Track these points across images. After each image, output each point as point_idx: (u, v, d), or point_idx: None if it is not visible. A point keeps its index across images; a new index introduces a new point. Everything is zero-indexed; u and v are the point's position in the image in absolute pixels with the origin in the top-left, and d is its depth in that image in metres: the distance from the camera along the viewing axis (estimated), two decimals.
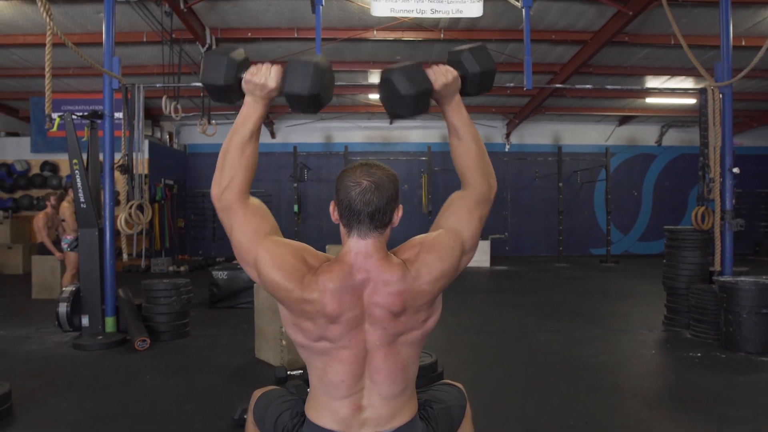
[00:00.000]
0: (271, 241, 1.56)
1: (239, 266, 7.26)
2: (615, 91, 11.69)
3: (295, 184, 13.03)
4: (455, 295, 7.81)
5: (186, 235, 13.98)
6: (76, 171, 5.15)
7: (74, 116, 5.23)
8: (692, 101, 12.14)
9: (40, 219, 7.84)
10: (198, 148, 14.22)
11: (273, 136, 14.46)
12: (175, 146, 13.89)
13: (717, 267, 5.51)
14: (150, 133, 12.39)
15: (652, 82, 11.24)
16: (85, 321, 5.22)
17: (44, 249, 7.84)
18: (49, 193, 8.24)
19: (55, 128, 4.81)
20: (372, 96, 12.27)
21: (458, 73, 1.70)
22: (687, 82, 11.06)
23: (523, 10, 5.85)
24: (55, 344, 5.21)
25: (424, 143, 14.04)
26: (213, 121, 7.91)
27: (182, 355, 4.85)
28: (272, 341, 4.45)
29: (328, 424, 1.56)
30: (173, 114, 6.86)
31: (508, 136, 14.57)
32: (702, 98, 5.68)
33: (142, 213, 5.54)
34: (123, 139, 5.52)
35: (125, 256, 5.73)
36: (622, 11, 7.30)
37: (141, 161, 5.66)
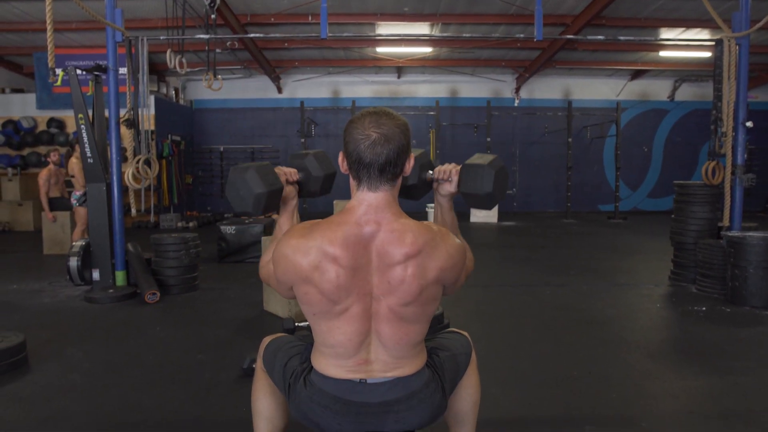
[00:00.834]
0: (271, 270, 1.67)
1: (247, 221, 7.33)
2: (628, 43, 11.43)
3: (303, 140, 12.94)
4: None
5: (194, 191, 14.01)
6: (82, 126, 5.14)
7: (78, 71, 5.19)
8: (707, 54, 11.86)
9: (42, 176, 7.89)
10: (204, 103, 14.08)
11: (280, 91, 14.30)
12: (182, 102, 13.76)
13: (725, 222, 5.48)
14: (156, 89, 12.27)
15: (666, 34, 10.96)
16: (96, 275, 5.30)
17: (52, 205, 7.90)
18: (50, 150, 8.23)
19: (59, 82, 4.77)
20: (380, 49, 12.04)
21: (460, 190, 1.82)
22: (703, 34, 10.76)
23: None
24: (67, 297, 5.31)
25: (432, 98, 13.87)
26: (219, 76, 7.80)
27: (191, 308, 4.93)
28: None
29: (334, 373, 1.57)
30: (178, 68, 6.77)
31: (517, 90, 14.34)
32: (718, 50, 5.54)
33: (150, 168, 5.53)
34: (128, 93, 5.47)
35: (134, 211, 5.75)
36: None
37: (147, 117, 5.61)
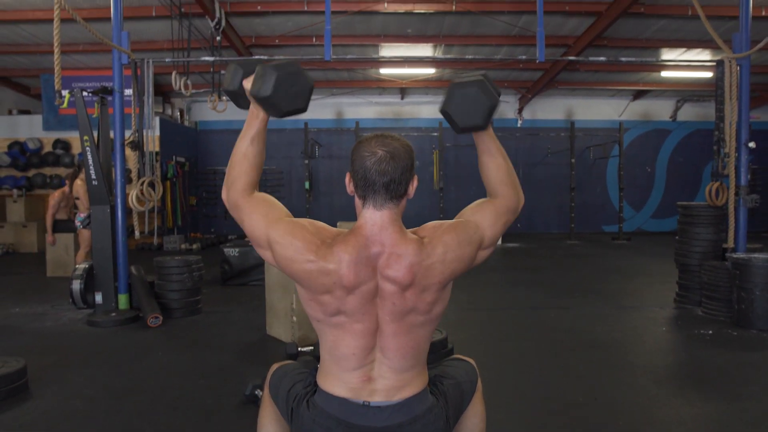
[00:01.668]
0: (283, 221, 1.59)
1: (251, 244, 7.32)
2: (630, 64, 11.47)
3: (306, 161, 12.99)
4: (466, 272, 7.78)
5: (198, 213, 14.02)
6: (87, 148, 5.17)
7: (84, 92, 5.23)
8: (708, 75, 11.89)
9: (55, 196, 7.90)
10: (209, 125, 14.11)
11: None
12: (186, 123, 13.84)
13: (730, 244, 5.45)
14: (161, 110, 12.36)
15: (667, 54, 11.03)
16: (99, 298, 5.28)
17: (57, 227, 7.91)
18: (68, 174, 8.27)
19: (65, 104, 4.82)
20: (383, 71, 12.13)
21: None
22: (704, 55, 10.83)
23: None
24: (69, 321, 5.29)
25: (436, 119, 13.91)
26: (224, 98, 7.87)
27: (194, 332, 4.91)
28: (283, 318, 4.48)
29: (339, 391, 1.59)
30: (183, 90, 6.83)
31: (520, 111, 14.39)
32: (719, 70, 5.56)
33: (154, 190, 5.55)
34: (133, 115, 5.51)
35: (137, 233, 5.76)
36: None
37: (152, 138, 5.65)
